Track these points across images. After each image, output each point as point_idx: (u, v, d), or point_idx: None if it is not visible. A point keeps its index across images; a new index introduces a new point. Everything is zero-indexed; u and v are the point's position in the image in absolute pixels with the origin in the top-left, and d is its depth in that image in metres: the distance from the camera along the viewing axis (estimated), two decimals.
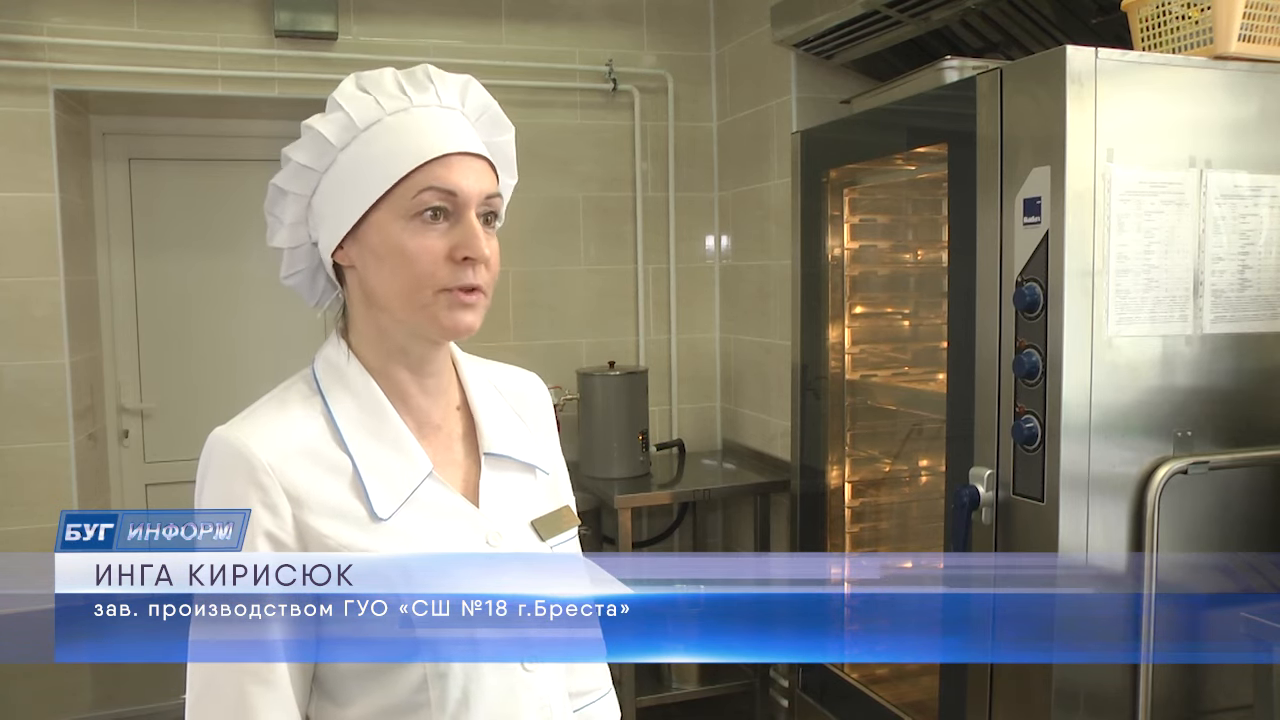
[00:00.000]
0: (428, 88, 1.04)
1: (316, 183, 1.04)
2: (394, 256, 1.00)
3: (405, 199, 0.99)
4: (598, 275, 3.82)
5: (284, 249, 1.09)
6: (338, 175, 1.02)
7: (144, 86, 3.27)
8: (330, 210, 1.03)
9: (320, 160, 1.03)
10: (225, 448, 0.99)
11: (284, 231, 1.08)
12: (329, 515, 0.98)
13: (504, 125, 1.12)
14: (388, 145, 1.00)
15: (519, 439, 1.14)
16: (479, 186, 1.02)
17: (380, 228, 1.00)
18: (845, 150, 2.68)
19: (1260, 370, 1.98)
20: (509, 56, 3.63)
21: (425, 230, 1.00)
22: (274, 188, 1.06)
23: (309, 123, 1.04)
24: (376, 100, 1.02)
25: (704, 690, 3.42)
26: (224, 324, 3.73)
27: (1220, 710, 1.99)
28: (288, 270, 1.11)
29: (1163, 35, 1.99)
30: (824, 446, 2.81)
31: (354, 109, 1.02)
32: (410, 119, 1.02)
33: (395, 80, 1.04)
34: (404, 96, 1.03)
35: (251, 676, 0.95)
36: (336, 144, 1.02)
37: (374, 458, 1.02)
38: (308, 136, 1.03)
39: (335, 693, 1.01)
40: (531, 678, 1.05)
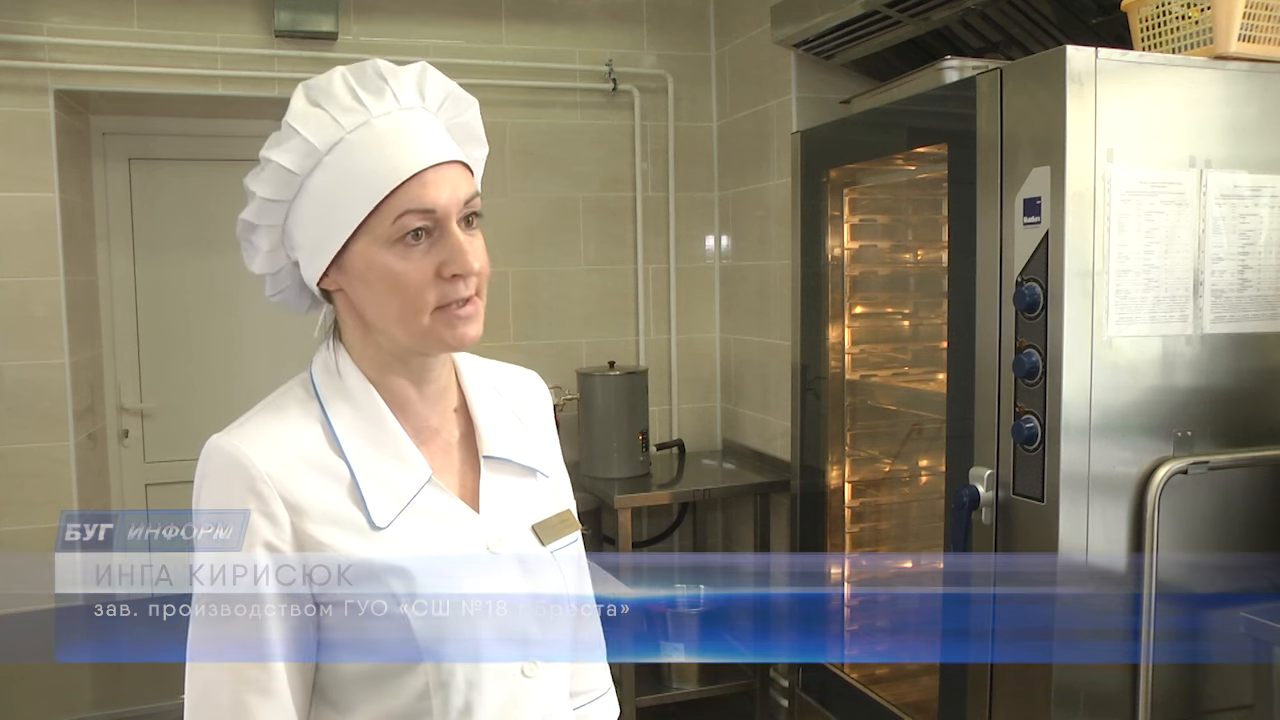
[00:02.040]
0: (384, 91, 0.99)
1: (285, 211, 1.01)
2: (382, 284, 0.98)
3: (385, 225, 0.96)
4: (598, 275, 3.82)
5: (265, 275, 1.07)
6: (308, 203, 0.99)
7: (144, 86, 3.27)
8: (307, 240, 1.00)
9: (285, 191, 0.99)
10: (222, 456, 0.97)
11: (261, 258, 1.05)
12: (328, 523, 0.97)
13: (466, 102, 1.06)
14: (356, 169, 0.96)
15: (519, 442, 1.13)
16: (457, 195, 0.98)
17: (363, 256, 0.98)
18: (845, 150, 2.68)
19: (1260, 370, 1.98)
20: (509, 56, 3.63)
21: (409, 253, 0.97)
22: (243, 222, 1.03)
23: (266, 154, 0.99)
24: (333, 117, 0.97)
25: (704, 690, 3.42)
26: (224, 324, 3.73)
27: (1220, 710, 1.99)
28: (272, 290, 1.10)
29: (1163, 35, 1.99)
30: (824, 446, 2.81)
31: (311, 132, 0.97)
32: (374, 134, 0.97)
33: (347, 87, 0.98)
34: (361, 108, 0.98)
35: (250, 686, 0.94)
36: (300, 172, 0.98)
37: (372, 465, 1.00)
38: (268, 170, 0.99)
39: (337, 700, 1.00)
40: (532, 684, 1.04)
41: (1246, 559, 1.99)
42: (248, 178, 1.02)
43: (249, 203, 1.03)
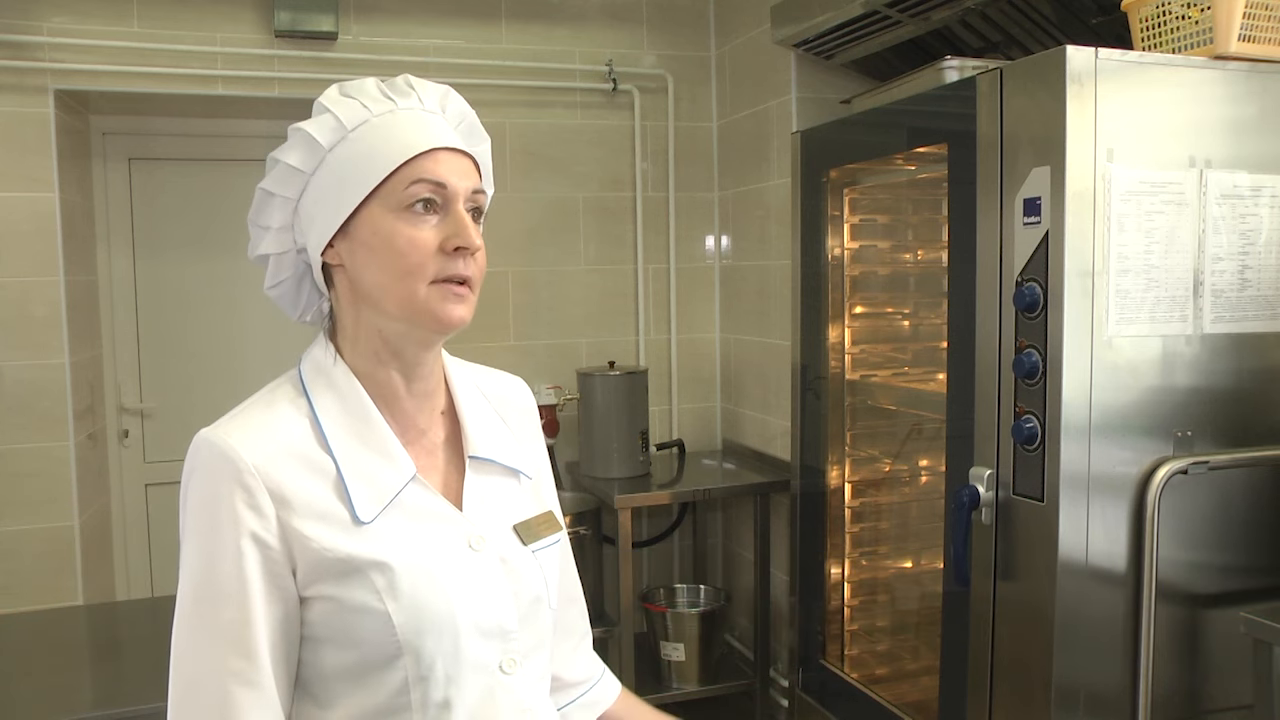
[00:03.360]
0: (410, 93, 1.06)
1: (304, 185, 1.05)
2: (386, 249, 1.00)
3: (396, 191, 1.01)
4: (598, 275, 3.82)
5: (270, 255, 1.09)
6: (326, 175, 1.03)
7: (144, 86, 3.27)
8: (319, 210, 1.04)
9: (309, 161, 1.04)
10: (210, 449, 0.98)
11: (270, 237, 1.08)
12: (312, 517, 0.98)
13: (481, 135, 1.12)
14: (376, 142, 1.02)
15: (503, 443, 1.15)
16: (466, 181, 1.04)
17: (372, 221, 1.01)
18: (845, 150, 2.68)
19: (1260, 370, 1.98)
20: (509, 56, 3.63)
21: (417, 222, 1.01)
22: (261, 192, 1.07)
23: (297, 125, 1.05)
24: (362, 103, 1.04)
25: (704, 690, 3.42)
26: (224, 324, 3.74)
27: (1220, 710, 1.99)
28: (272, 279, 1.11)
29: (1163, 35, 1.99)
30: (824, 446, 2.81)
31: (341, 111, 1.03)
32: (396, 119, 1.04)
33: (378, 87, 1.06)
34: (388, 100, 1.05)
35: (235, 677, 0.95)
36: (325, 145, 1.03)
37: (357, 461, 1.02)
38: (296, 138, 1.05)
39: (318, 694, 1.01)
40: (511, 680, 1.05)
41: (1246, 559, 1.99)
42: (274, 151, 1.06)
43: (269, 172, 1.06)
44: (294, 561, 0.97)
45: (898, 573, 2.89)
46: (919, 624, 2.76)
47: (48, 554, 3.19)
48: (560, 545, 1.18)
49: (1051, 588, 1.85)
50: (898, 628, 2.87)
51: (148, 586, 3.72)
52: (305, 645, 1.00)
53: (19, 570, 3.16)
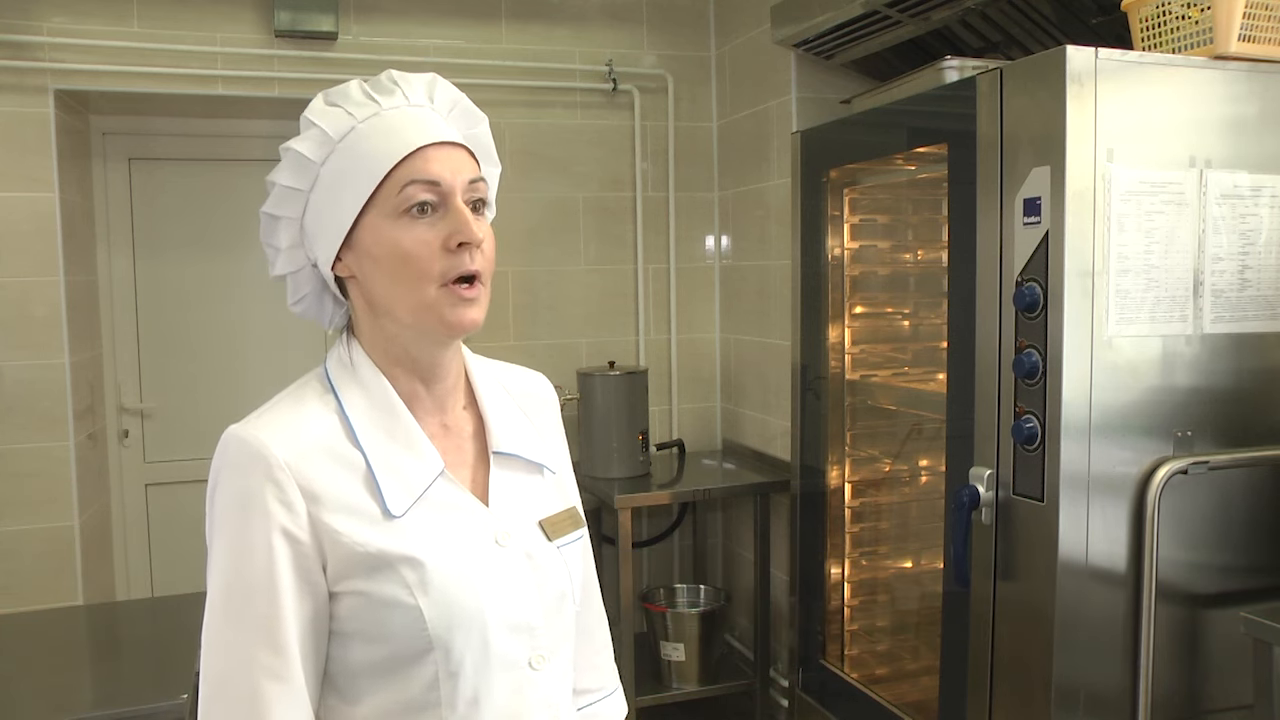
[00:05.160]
0: (394, 91, 1.05)
1: (304, 203, 1.05)
2: (390, 257, 1.00)
3: (391, 197, 1.00)
4: (598, 275, 3.82)
5: (287, 275, 1.10)
6: (322, 191, 1.03)
7: (144, 86, 3.27)
8: (321, 226, 1.04)
9: (303, 179, 1.04)
10: (240, 445, 0.98)
11: (282, 257, 1.08)
12: (343, 512, 0.98)
13: (476, 116, 1.11)
14: (365, 150, 1.01)
15: (527, 438, 1.15)
16: (460, 174, 1.02)
17: (373, 230, 1.01)
18: (845, 150, 2.68)
19: (1260, 370, 1.98)
20: (509, 56, 3.63)
21: (415, 225, 1.00)
22: (265, 216, 1.07)
23: (286, 145, 1.05)
24: (346, 111, 1.03)
25: (704, 690, 3.42)
26: (224, 324, 3.74)
27: (1220, 710, 1.99)
28: (294, 296, 1.12)
29: (1163, 35, 1.99)
30: (824, 446, 2.81)
31: (327, 124, 1.03)
32: (382, 122, 1.02)
33: (361, 90, 1.05)
34: (373, 103, 1.04)
35: (266, 672, 0.95)
36: (316, 159, 1.03)
37: (387, 455, 1.02)
38: (287, 158, 1.04)
39: (345, 690, 1.01)
40: (538, 677, 1.06)
41: (1246, 559, 1.99)
42: (270, 174, 1.06)
43: (269, 194, 1.06)
44: (324, 557, 0.97)
45: (898, 573, 2.89)
46: (919, 624, 2.76)
47: (48, 554, 3.19)
48: (583, 542, 1.17)
49: (1051, 588, 1.85)
50: (898, 628, 2.87)
51: (148, 587, 3.73)
52: (334, 640, 1.00)
53: (19, 570, 3.16)
